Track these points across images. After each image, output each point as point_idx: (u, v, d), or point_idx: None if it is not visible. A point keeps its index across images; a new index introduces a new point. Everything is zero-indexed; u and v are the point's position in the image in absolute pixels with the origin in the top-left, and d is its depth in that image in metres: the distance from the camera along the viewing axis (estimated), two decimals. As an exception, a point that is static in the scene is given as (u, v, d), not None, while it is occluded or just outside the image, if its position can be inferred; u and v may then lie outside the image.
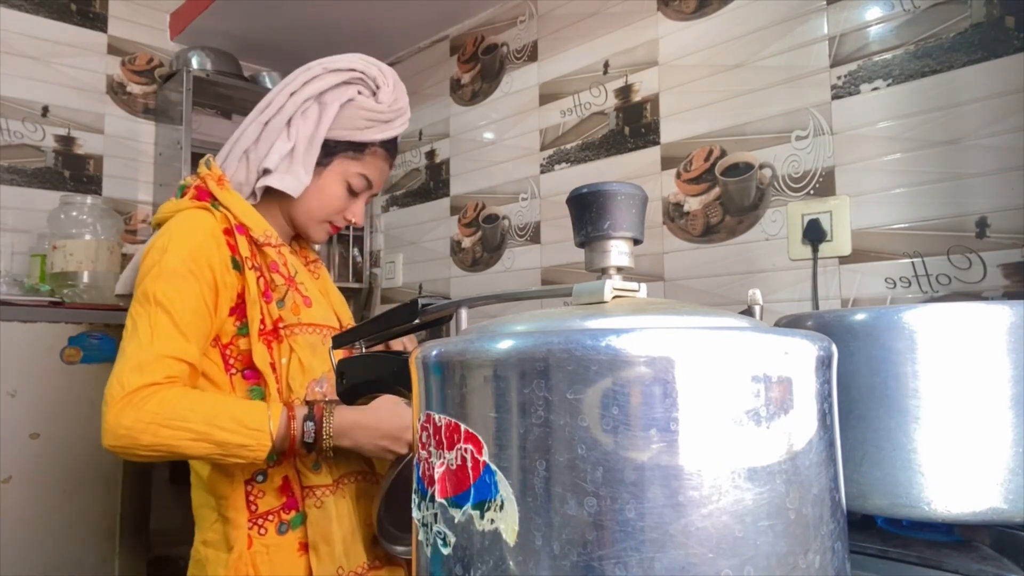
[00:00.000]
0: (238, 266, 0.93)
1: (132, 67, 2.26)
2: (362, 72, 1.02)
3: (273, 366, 0.93)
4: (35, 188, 2.05)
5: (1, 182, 2.00)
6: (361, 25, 2.17)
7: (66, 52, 2.13)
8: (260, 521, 0.91)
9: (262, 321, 0.93)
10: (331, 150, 1.02)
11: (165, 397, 0.82)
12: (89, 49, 2.18)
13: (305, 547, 0.92)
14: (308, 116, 0.99)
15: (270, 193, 1.01)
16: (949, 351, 0.61)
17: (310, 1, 2.01)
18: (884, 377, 0.62)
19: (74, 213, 1.92)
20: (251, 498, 0.92)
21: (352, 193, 1.05)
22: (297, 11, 2.08)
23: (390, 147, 1.07)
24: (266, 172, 0.99)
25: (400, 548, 0.97)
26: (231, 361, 0.94)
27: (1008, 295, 1.09)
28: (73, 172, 2.12)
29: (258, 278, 0.94)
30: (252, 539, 0.90)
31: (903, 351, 0.62)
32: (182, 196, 0.99)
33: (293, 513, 0.93)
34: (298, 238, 1.12)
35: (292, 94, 1.00)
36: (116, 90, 2.22)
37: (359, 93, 1.02)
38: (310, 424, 0.86)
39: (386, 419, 0.90)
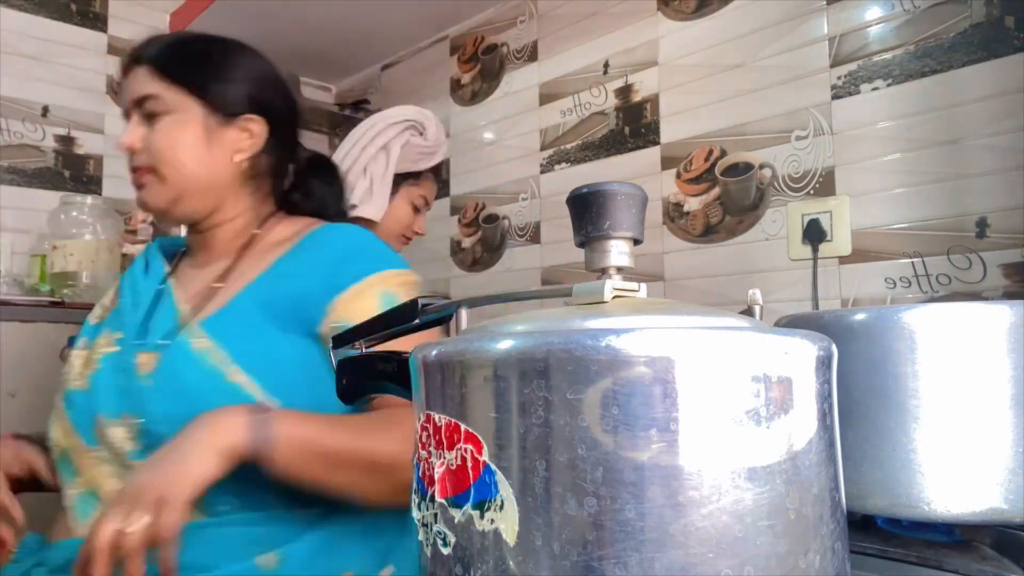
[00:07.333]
0: None
1: (132, 67, 2.26)
2: (413, 119, 1.36)
3: None
4: (35, 188, 2.05)
5: (1, 182, 2.00)
6: (361, 25, 2.17)
7: (66, 52, 2.13)
8: None
9: None
10: (398, 181, 1.36)
11: None
12: (89, 49, 2.18)
13: None
14: (378, 160, 1.34)
15: (356, 221, 1.35)
16: (949, 351, 0.61)
17: (310, 1, 2.01)
18: (884, 377, 0.62)
19: (74, 213, 1.92)
20: None
21: (415, 211, 1.42)
22: (297, 11, 2.08)
23: (436, 170, 1.44)
24: (353, 207, 1.29)
25: None
26: None
27: (1008, 295, 1.09)
28: (73, 172, 2.12)
29: None
30: None
31: (903, 351, 0.62)
32: None
33: None
34: None
35: (363, 148, 1.34)
36: (116, 90, 2.22)
37: (412, 136, 1.36)
38: None
39: None
